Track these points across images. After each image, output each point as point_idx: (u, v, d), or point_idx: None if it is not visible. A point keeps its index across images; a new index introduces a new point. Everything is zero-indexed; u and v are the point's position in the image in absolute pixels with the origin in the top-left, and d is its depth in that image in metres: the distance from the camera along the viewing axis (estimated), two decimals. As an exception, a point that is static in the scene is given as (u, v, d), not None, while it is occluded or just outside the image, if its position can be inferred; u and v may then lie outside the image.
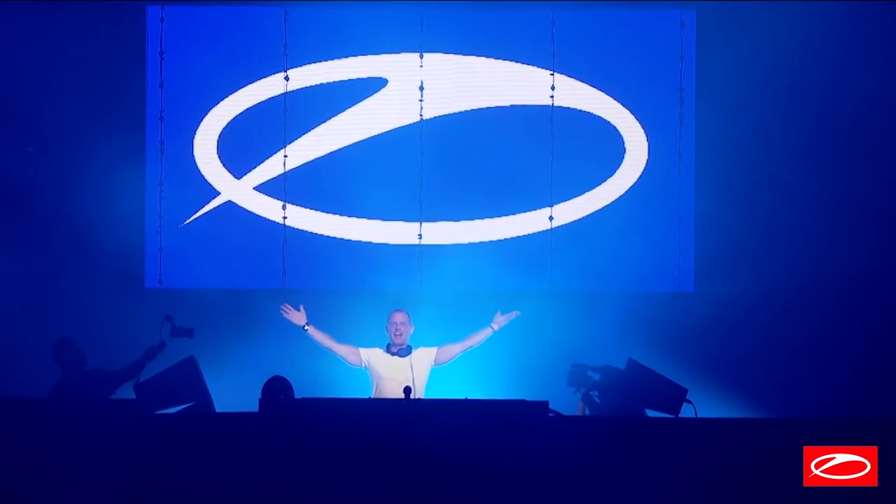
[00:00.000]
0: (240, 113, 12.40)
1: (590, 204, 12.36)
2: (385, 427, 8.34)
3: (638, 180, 12.35)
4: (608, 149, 12.36)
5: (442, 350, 10.87)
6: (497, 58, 12.37)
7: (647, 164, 12.35)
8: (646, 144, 12.36)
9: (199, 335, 11.56)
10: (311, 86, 12.39)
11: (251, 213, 12.41)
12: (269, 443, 8.29)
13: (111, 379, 10.24)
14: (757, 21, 12.26)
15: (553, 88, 12.25)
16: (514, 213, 12.37)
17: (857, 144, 12.30)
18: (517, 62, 12.38)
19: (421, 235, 12.29)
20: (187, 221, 12.40)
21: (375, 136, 12.38)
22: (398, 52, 12.37)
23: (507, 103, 12.37)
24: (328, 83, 12.40)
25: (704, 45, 12.31)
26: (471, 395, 10.86)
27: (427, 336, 11.17)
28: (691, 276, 12.30)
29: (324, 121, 12.40)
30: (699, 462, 8.22)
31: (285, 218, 12.30)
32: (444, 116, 12.37)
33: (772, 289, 12.22)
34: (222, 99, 12.40)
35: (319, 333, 10.86)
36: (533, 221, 12.34)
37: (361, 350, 10.84)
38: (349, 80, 12.41)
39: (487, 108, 12.38)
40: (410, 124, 12.33)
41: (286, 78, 12.27)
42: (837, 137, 12.28)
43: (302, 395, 9.56)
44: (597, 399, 10.29)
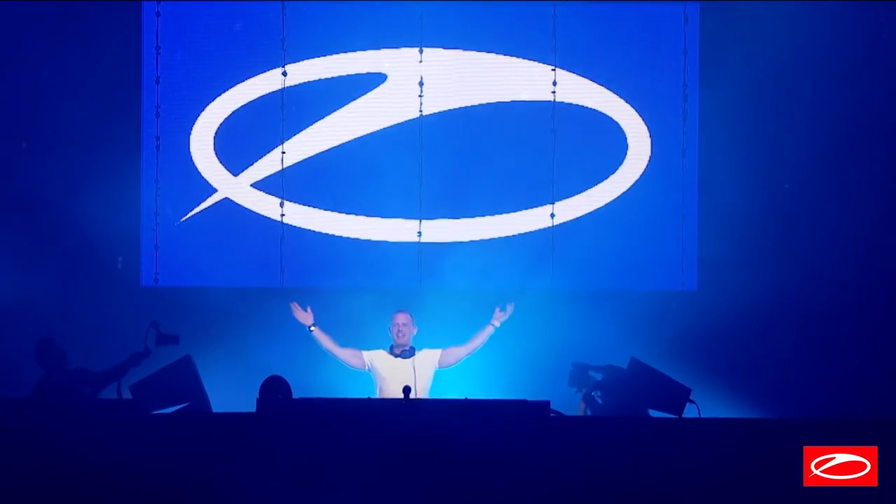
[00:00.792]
0: (237, 109, 12.40)
1: (592, 201, 12.35)
2: (384, 427, 8.34)
3: (641, 177, 12.34)
4: (610, 145, 12.35)
5: (446, 353, 10.85)
6: (498, 53, 12.37)
7: (650, 161, 12.35)
8: (648, 140, 12.35)
9: (196, 333, 11.58)
10: (309, 81, 12.38)
11: (248, 211, 12.41)
12: (267, 444, 8.28)
13: (93, 380, 10.22)
14: (761, 15, 12.26)
15: (554, 84, 12.25)
16: (515, 211, 12.36)
17: (864, 140, 12.29)
18: (518, 57, 12.37)
19: (420, 233, 12.28)
20: (184, 219, 12.40)
21: (374, 133, 12.37)
22: (397, 48, 12.36)
23: (508, 99, 12.37)
24: (326, 79, 12.40)
25: (708, 40, 12.31)
26: (471, 395, 10.86)
27: (427, 335, 11.15)
28: (695, 275, 12.30)
29: (322, 117, 12.40)
30: (701, 462, 8.23)
31: (283, 215, 12.30)
32: (444, 112, 12.37)
33: (776, 287, 12.22)
34: (219, 95, 12.40)
35: (324, 336, 10.85)
36: (534, 219, 12.34)
37: (364, 353, 10.83)
38: (348, 76, 12.40)
39: (488, 104, 12.38)
40: (410, 120, 12.33)
41: (284, 73, 12.27)
42: (843, 133, 12.28)
43: (300, 396, 9.55)
44: (599, 399, 10.28)
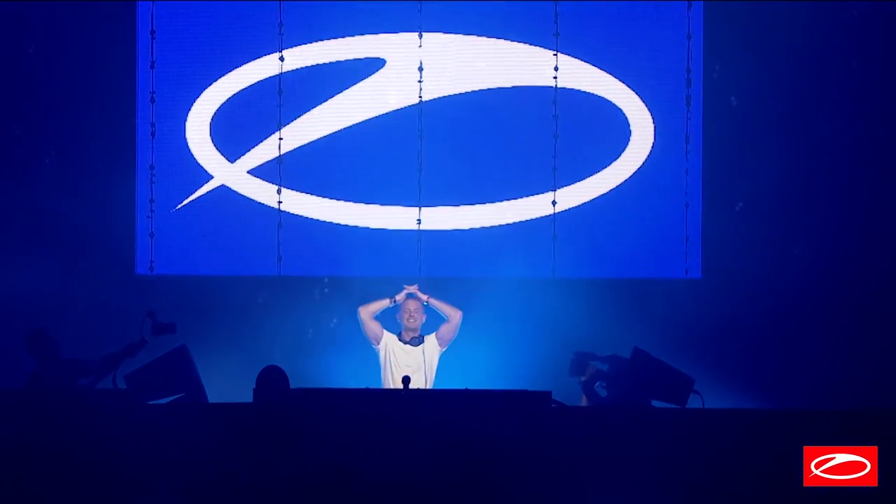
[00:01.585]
0: (233, 94, 12.38)
1: (594, 188, 12.34)
2: (384, 418, 8.33)
3: (644, 164, 12.33)
4: (613, 131, 12.34)
5: (438, 334, 10.92)
6: (499, 38, 12.35)
7: (653, 147, 12.34)
8: (652, 127, 12.33)
9: (192, 323, 11.55)
10: (307, 66, 12.37)
11: (245, 198, 12.40)
12: (264, 435, 8.27)
13: (87, 370, 10.19)
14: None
15: (556, 69, 12.22)
16: (516, 198, 12.35)
17: (871, 126, 12.27)
18: (519, 42, 12.34)
19: (420, 220, 12.27)
20: (179, 206, 12.39)
21: (373, 119, 12.36)
22: (397, 32, 12.34)
23: (509, 84, 12.35)
24: (324, 64, 12.38)
25: (712, 25, 12.28)
26: (472, 386, 10.85)
27: (427, 324, 11.15)
28: (699, 263, 12.28)
29: (320, 103, 12.38)
30: (701, 458, 8.25)
31: (280, 202, 12.28)
32: (444, 98, 12.35)
33: (782, 275, 12.22)
34: (215, 80, 12.38)
35: (381, 302, 11.12)
36: (535, 206, 12.32)
37: (385, 333, 10.93)
38: (346, 61, 12.38)
39: (488, 90, 12.36)
40: (409, 106, 12.31)
41: (281, 58, 12.24)
42: (851, 118, 12.26)
43: (297, 386, 9.53)
44: (601, 389, 10.26)
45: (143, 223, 12.33)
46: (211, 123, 12.39)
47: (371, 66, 12.38)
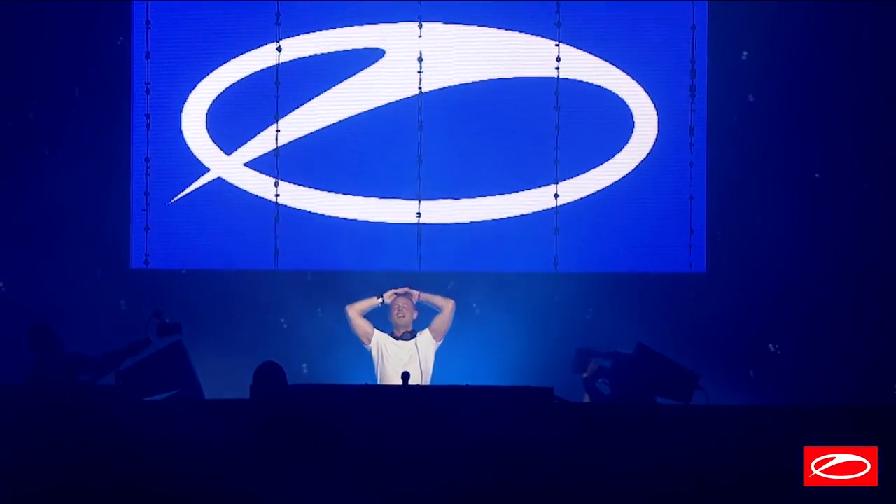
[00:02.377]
0: (230, 85, 12.39)
1: (597, 181, 12.34)
2: (383, 415, 8.33)
3: (647, 156, 12.33)
4: (616, 123, 12.33)
5: (433, 327, 10.93)
6: (500, 28, 12.34)
7: (657, 139, 12.33)
8: (655, 118, 12.33)
9: (188, 318, 11.55)
10: (305, 57, 12.37)
11: (242, 191, 12.40)
12: (261, 432, 8.27)
13: (89, 366, 10.20)
14: (771, -11, 12.27)
15: (558, 60, 12.21)
16: (518, 191, 12.35)
17: (880, 119, 12.27)
18: (521, 32, 12.34)
19: (420, 214, 12.26)
20: (175, 199, 12.39)
21: (372, 110, 12.36)
22: (396, 22, 12.34)
23: (511, 75, 12.34)
24: (322, 54, 12.38)
25: (716, 15, 12.27)
26: (473, 382, 10.85)
27: (426, 319, 11.15)
28: (703, 257, 12.28)
29: (318, 94, 12.38)
30: (702, 456, 8.28)
31: (277, 196, 12.27)
32: (444, 89, 12.34)
33: (787, 269, 12.21)
34: (212, 71, 12.39)
35: (368, 301, 11.07)
36: (537, 199, 12.32)
37: (375, 331, 10.91)
38: (345, 51, 12.38)
39: (489, 81, 12.36)
40: (409, 97, 12.30)
41: (279, 48, 12.24)
42: (857, 109, 12.25)
43: (295, 382, 9.53)
44: (604, 386, 10.26)
45: (139, 216, 12.33)
46: (207, 115, 12.39)
47: (370, 57, 12.38)
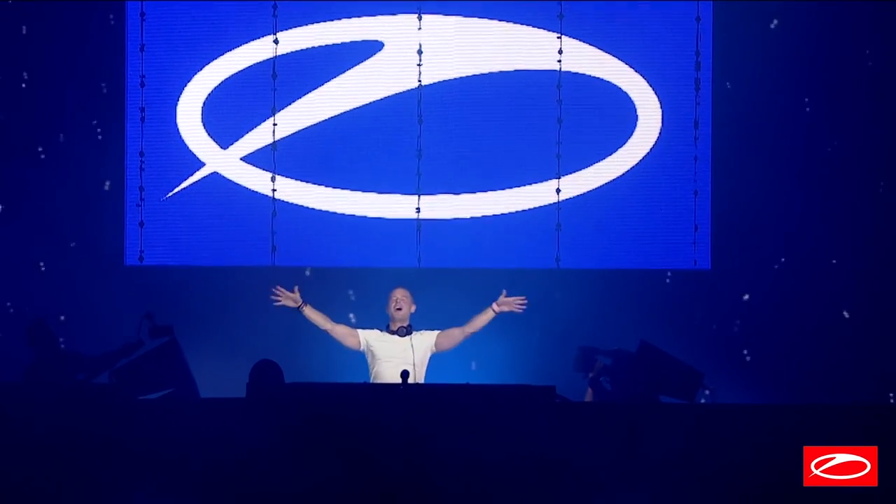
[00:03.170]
0: (226, 78, 12.37)
1: (599, 176, 12.33)
2: (381, 414, 8.33)
3: (651, 150, 12.32)
4: (619, 116, 12.33)
5: (443, 335, 10.75)
6: (500, 19, 12.33)
7: (661, 133, 12.33)
8: (659, 112, 12.32)
9: (183, 316, 11.57)
10: (302, 49, 12.35)
11: (238, 186, 12.39)
12: (257, 431, 8.26)
13: (85, 365, 10.22)
14: (778, -21, 12.26)
15: (560, 52, 12.20)
16: (519, 186, 12.34)
17: (887, 113, 12.26)
18: (522, 24, 12.33)
19: (419, 209, 12.25)
20: (170, 194, 12.38)
21: (371, 104, 12.35)
22: (395, 14, 12.33)
23: (512, 68, 12.34)
24: (320, 46, 12.37)
25: (722, 6, 12.26)
26: (473, 380, 10.84)
27: (425, 317, 11.12)
28: (708, 253, 12.28)
29: (315, 87, 12.37)
30: (702, 455, 8.30)
31: (274, 191, 12.26)
32: (444, 82, 12.34)
33: (794, 266, 12.20)
34: (207, 63, 12.37)
35: (316, 314, 10.76)
36: (539, 194, 12.31)
37: (360, 332, 10.78)
38: (343, 44, 12.37)
39: (490, 74, 12.35)
40: (408, 90, 12.30)
41: (275, 41, 12.22)
42: (867, 103, 12.24)
43: (292, 380, 9.52)
44: (606, 385, 10.26)
45: (133, 212, 12.32)
46: (203, 108, 12.38)
47: (369, 49, 12.37)
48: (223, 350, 11.78)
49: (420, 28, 12.25)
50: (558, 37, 12.23)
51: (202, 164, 12.41)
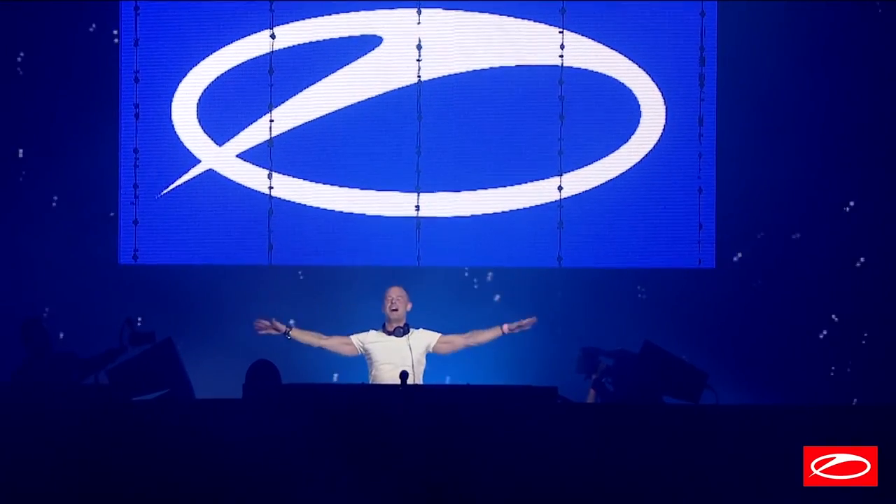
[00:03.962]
0: (222, 74, 12.38)
1: (602, 173, 12.34)
2: (380, 415, 8.33)
3: (655, 147, 12.32)
4: (622, 113, 12.33)
5: (444, 339, 10.78)
6: (502, 14, 12.33)
7: (665, 130, 12.33)
8: (663, 108, 12.33)
9: (178, 315, 11.58)
10: (300, 44, 12.36)
11: (234, 183, 12.40)
12: (254, 432, 8.26)
13: (75, 367, 10.23)
14: (784, -27, 12.27)
15: (562, 47, 12.21)
16: (520, 183, 12.34)
17: (894, 108, 12.27)
18: (523, 19, 12.33)
19: (418, 207, 12.26)
20: (165, 192, 12.39)
21: (369, 100, 12.36)
22: (394, 8, 12.34)
23: (513, 63, 12.34)
24: (318, 41, 12.38)
25: (727, 1, 12.27)
26: (473, 381, 10.84)
27: (424, 317, 11.13)
28: (713, 252, 12.28)
29: (313, 83, 12.38)
30: (702, 455, 8.32)
31: (271, 188, 12.27)
32: (444, 78, 12.34)
33: (800, 265, 12.21)
34: (203, 58, 12.37)
35: (305, 334, 10.83)
36: (540, 192, 12.32)
37: (353, 338, 10.80)
38: (341, 39, 12.38)
39: (491, 69, 12.36)
40: (407, 86, 12.30)
41: (272, 36, 12.23)
42: (874, 98, 12.24)
43: (289, 381, 9.53)
44: (609, 386, 10.26)
45: (127, 210, 12.32)
46: (198, 104, 12.38)
47: (367, 44, 12.37)
48: (219, 351, 11.78)
49: (419, 22, 12.25)
50: (560, 31, 12.24)
51: (197, 161, 12.41)
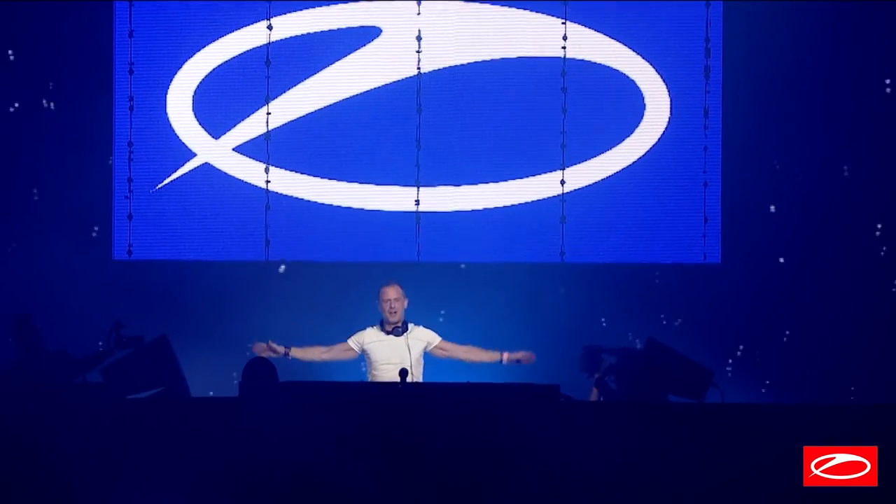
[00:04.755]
0: (218, 66, 12.39)
1: (606, 167, 12.34)
2: (379, 413, 8.34)
3: (659, 140, 12.33)
4: (626, 105, 12.34)
5: (443, 346, 10.87)
6: (503, 5, 12.33)
7: (670, 123, 12.34)
8: (668, 100, 12.33)
9: (173, 312, 11.58)
10: (297, 36, 12.36)
11: (230, 177, 12.40)
12: (250, 431, 8.26)
13: (70, 365, 10.23)
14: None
15: (565, 39, 12.20)
16: (522, 177, 12.34)
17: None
18: (525, 10, 12.33)
19: (418, 201, 12.25)
20: (160, 186, 12.39)
21: (368, 92, 12.37)
22: (393, -2, 12.36)
23: (514, 55, 12.34)
24: (316, 33, 12.38)
25: (733, -8, 12.30)
26: (474, 379, 10.83)
27: (424, 314, 11.14)
28: (718, 246, 12.28)
29: (311, 75, 12.39)
30: (702, 455, 8.33)
31: (268, 182, 12.26)
32: (444, 70, 12.35)
33: (806, 259, 12.21)
34: (199, 50, 12.38)
35: (305, 351, 10.89)
36: (542, 186, 12.32)
37: (351, 341, 10.85)
38: (339, 30, 12.39)
39: (492, 61, 12.36)
40: (407, 78, 12.31)
41: (269, 27, 12.22)
42: (880, 92, 12.24)
43: (286, 379, 9.52)
44: (612, 384, 10.25)
45: (121, 204, 12.32)
46: (194, 97, 12.38)
47: (366, 36, 12.37)
48: (215, 348, 11.79)
49: (419, 13, 12.25)
50: (563, 22, 12.23)
51: (193, 155, 12.42)
